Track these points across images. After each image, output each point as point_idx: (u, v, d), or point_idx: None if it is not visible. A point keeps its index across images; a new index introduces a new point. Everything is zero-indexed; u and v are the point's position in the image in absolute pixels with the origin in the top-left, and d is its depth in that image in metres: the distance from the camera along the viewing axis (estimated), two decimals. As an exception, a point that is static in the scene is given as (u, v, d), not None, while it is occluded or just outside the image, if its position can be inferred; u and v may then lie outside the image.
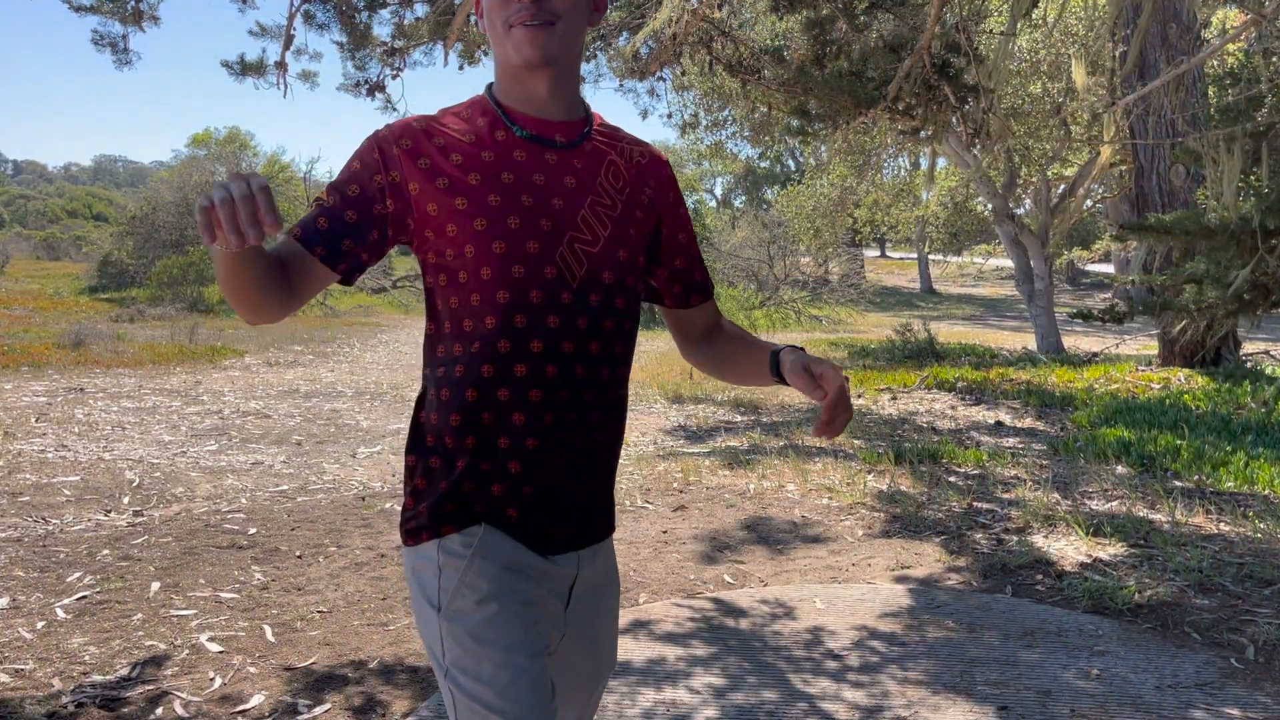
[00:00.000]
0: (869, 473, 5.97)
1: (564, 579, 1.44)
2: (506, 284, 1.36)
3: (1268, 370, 10.29)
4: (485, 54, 8.72)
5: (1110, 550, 4.34)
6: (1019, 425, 7.89)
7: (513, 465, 1.38)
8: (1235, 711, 2.82)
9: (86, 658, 3.22)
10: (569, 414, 1.40)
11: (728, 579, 4.09)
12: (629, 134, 1.55)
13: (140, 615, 3.61)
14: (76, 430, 7.46)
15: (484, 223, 1.36)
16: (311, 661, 3.23)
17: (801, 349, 1.47)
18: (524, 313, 1.37)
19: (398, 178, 1.38)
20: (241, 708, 2.88)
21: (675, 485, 5.78)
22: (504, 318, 1.37)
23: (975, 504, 5.20)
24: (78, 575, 4.05)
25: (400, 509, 1.74)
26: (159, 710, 2.85)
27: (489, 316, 1.37)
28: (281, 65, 8.42)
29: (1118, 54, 10.17)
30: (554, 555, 1.41)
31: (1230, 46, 9.67)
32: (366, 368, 12.65)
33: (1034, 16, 10.19)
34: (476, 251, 1.36)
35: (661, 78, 9.33)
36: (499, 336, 1.37)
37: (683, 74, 10.95)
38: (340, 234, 1.37)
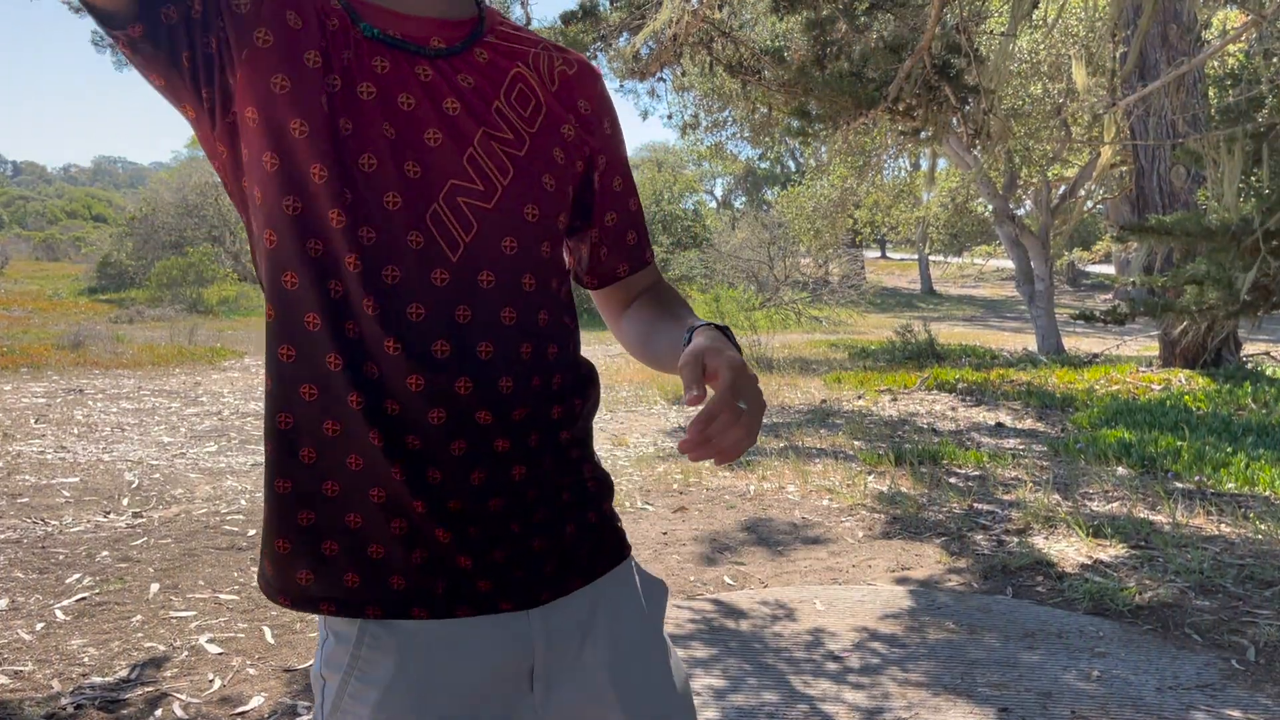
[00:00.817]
0: (869, 474, 5.97)
1: (506, 667, 1.01)
2: (353, 249, 0.93)
3: (1268, 371, 10.29)
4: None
5: (1111, 551, 4.33)
6: (1019, 426, 7.88)
7: (354, 521, 0.97)
8: (1236, 713, 2.82)
9: (86, 659, 3.22)
10: (452, 443, 0.96)
11: (728, 580, 4.09)
12: (547, 39, 1.10)
13: (139, 617, 3.61)
14: (76, 431, 7.46)
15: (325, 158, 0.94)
16: (311, 663, 3.22)
17: (723, 330, 1.02)
18: (374, 297, 0.93)
19: (245, 5, 0.93)
20: (241, 709, 2.88)
21: (675, 486, 5.77)
22: (345, 303, 0.94)
23: (976, 505, 5.20)
24: (77, 577, 4.05)
25: None
26: (158, 712, 2.85)
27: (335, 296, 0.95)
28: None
29: (1118, 54, 10.17)
30: (485, 613, 1.00)
31: (1231, 47, 9.66)
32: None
33: (1034, 17, 10.18)
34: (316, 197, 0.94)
35: (661, 78, 9.32)
36: (341, 331, 0.95)
37: (683, 75, 10.94)
38: None
